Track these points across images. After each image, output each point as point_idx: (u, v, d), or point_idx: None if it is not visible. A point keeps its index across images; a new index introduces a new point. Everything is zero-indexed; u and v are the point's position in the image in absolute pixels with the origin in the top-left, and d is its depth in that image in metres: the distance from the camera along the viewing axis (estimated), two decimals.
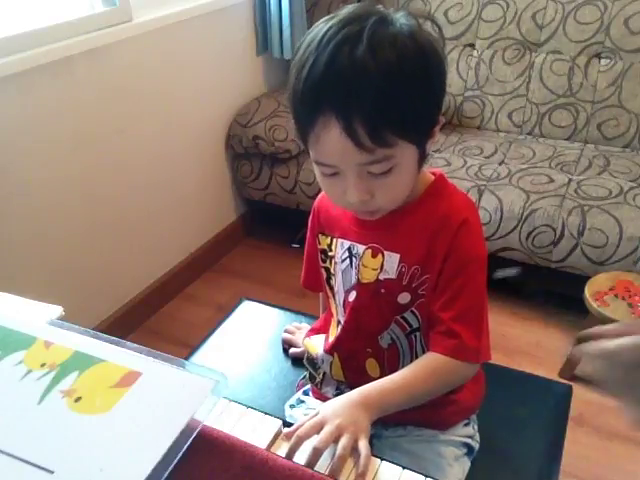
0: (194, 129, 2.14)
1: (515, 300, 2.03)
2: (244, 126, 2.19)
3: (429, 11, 2.32)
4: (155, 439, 0.53)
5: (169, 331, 2.01)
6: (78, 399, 0.57)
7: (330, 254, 0.89)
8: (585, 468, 1.50)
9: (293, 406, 0.99)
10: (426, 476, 0.61)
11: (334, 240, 0.88)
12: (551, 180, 1.94)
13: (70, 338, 0.65)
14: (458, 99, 2.35)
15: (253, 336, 1.22)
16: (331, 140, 0.68)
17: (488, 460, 0.93)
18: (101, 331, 0.66)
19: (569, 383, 1.15)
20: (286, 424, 0.67)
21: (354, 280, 0.85)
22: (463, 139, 2.27)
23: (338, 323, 0.91)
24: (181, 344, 1.83)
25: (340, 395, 0.90)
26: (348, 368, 0.91)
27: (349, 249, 0.85)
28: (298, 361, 1.12)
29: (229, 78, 2.27)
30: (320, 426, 0.66)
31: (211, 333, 1.23)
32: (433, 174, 0.83)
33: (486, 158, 2.13)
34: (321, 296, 1.06)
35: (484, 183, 1.95)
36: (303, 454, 0.64)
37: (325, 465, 0.63)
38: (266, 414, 0.67)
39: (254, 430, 0.64)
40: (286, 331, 1.19)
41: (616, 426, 1.62)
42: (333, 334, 0.92)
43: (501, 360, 1.09)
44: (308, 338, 1.01)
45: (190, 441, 0.54)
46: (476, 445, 0.92)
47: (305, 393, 1.01)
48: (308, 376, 0.99)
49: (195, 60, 2.06)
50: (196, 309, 2.12)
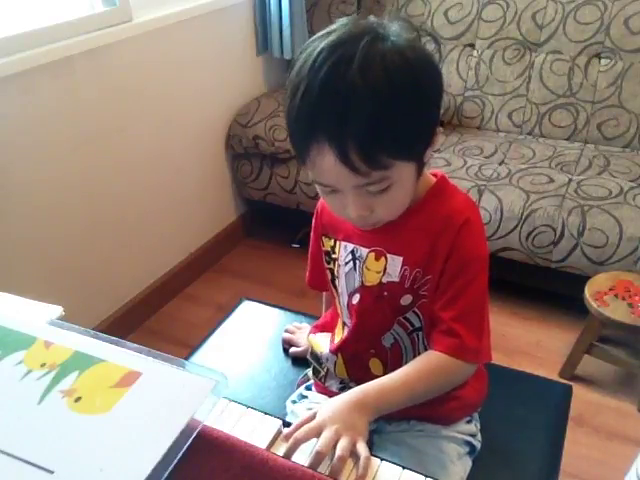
0: (194, 129, 2.14)
1: (515, 300, 2.03)
2: (244, 126, 2.19)
3: (430, 12, 2.32)
4: (155, 439, 0.53)
5: (169, 331, 2.01)
6: (78, 399, 0.57)
7: (334, 256, 0.89)
8: (585, 468, 1.50)
9: (295, 402, 1.00)
10: (426, 476, 0.61)
11: (337, 243, 0.88)
12: (551, 180, 1.94)
13: (70, 338, 0.65)
14: (458, 99, 2.35)
15: (253, 336, 1.22)
16: (326, 165, 0.68)
17: (488, 460, 0.93)
18: (101, 331, 0.66)
19: (569, 383, 1.15)
20: (286, 424, 0.67)
21: (358, 283, 0.85)
22: (463, 139, 2.27)
23: (344, 325, 0.91)
24: (181, 344, 1.83)
25: (344, 389, 0.91)
26: (352, 367, 0.91)
27: (352, 252, 0.85)
28: (298, 361, 1.12)
29: (229, 78, 2.27)
30: (318, 429, 0.66)
31: (211, 333, 1.23)
32: (434, 175, 0.83)
33: (486, 158, 2.13)
34: (324, 294, 1.06)
35: (484, 183, 1.95)
36: (304, 455, 0.64)
37: (324, 465, 0.63)
38: (266, 414, 0.67)
39: (254, 430, 0.64)
40: (286, 331, 1.19)
41: (616, 426, 1.62)
42: (339, 335, 0.92)
43: (501, 360, 1.09)
44: (313, 335, 1.01)
45: (190, 441, 0.54)
46: (478, 445, 0.93)
47: (307, 388, 1.01)
48: (312, 370, 1.00)
49: (195, 60, 2.07)
50: (196, 309, 2.12)
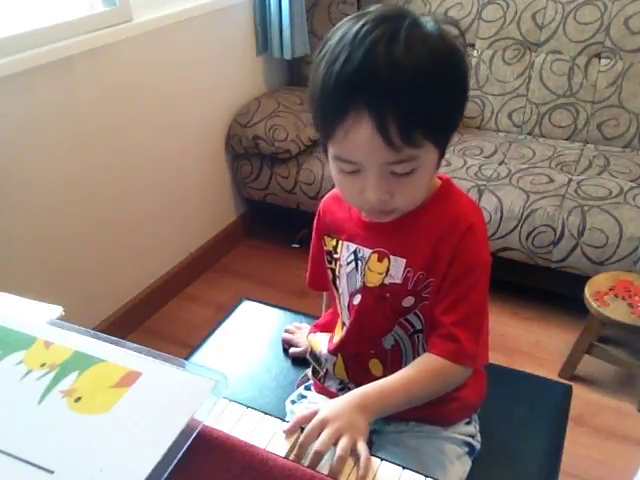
0: (194, 129, 2.14)
1: (515, 300, 2.03)
2: (244, 126, 2.19)
3: (430, 12, 2.32)
4: (155, 439, 0.53)
5: (169, 331, 2.01)
6: (78, 399, 0.57)
7: (335, 256, 0.89)
8: (585, 468, 1.50)
9: (294, 401, 1.00)
10: (426, 476, 0.61)
11: (340, 243, 0.88)
12: (551, 180, 1.94)
13: (70, 338, 0.65)
14: None
15: (253, 336, 1.22)
16: (360, 136, 0.68)
17: (488, 460, 0.93)
18: (101, 331, 0.66)
19: (569, 383, 1.15)
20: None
21: (359, 284, 0.85)
22: (463, 139, 2.27)
23: (343, 325, 0.91)
24: (181, 344, 1.83)
25: (343, 389, 0.91)
26: (351, 368, 0.91)
27: (355, 252, 0.85)
28: (298, 361, 1.12)
29: (229, 78, 2.27)
30: (320, 428, 0.67)
31: (211, 333, 1.23)
32: (440, 178, 0.83)
33: (486, 158, 2.13)
34: (325, 294, 1.06)
35: (484, 183, 1.95)
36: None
37: (324, 465, 0.63)
38: (266, 414, 0.67)
39: (254, 430, 0.64)
40: (286, 331, 1.19)
41: (616, 426, 1.62)
42: (338, 335, 0.92)
43: (501, 360, 1.09)
44: (313, 334, 1.01)
45: (190, 441, 0.54)
46: (477, 445, 0.93)
47: (307, 388, 1.01)
48: (311, 370, 1.00)
49: (195, 60, 2.06)
50: (196, 309, 2.12)
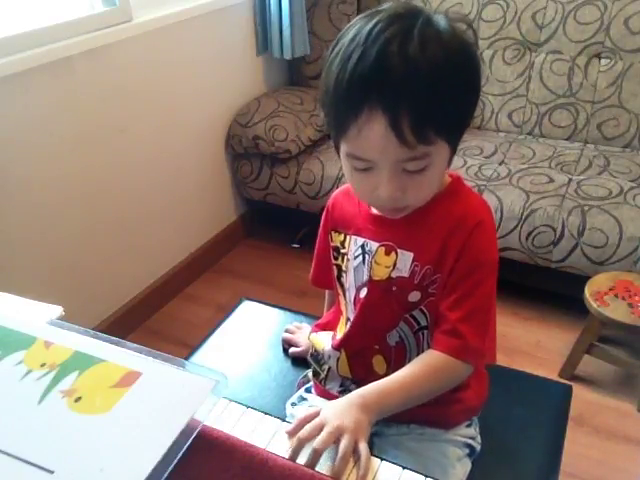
0: (194, 129, 2.14)
1: (515, 300, 2.03)
2: (244, 126, 2.19)
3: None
4: (155, 439, 0.53)
5: (169, 331, 2.01)
6: (78, 399, 0.57)
7: (343, 251, 0.89)
8: (585, 468, 1.50)
9: (295, 404, 0.99)
10: (426, 476, 0.61)
11: (347, 237, 0.88)
12: (551, 180, 1.94)
13: (70, 338, 0.65)
14: None
15: (253, 336, 1.22)
16: (374, 133, 0.68)
17: (488, 460, 0.93)
18: (101, 331, 0.66)
19: (569, 383, 1.15)
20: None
21: (366, 277, 0.85)
22: (463, 139, 2.24)
23: (347, 320, 0.91)
24: (181, 344, 1.84)
25: (344, 391, 0.90)
26: (355, 364, 0.91)
27: (362, 246, 0.85)
28: (298, 361, 1.12)
29: (229, 78, 2.27)
30: (321, 427, 0.67)
31: (211, 333, 1.23)
32: (450, 175, 0.84)
33: (486, 158, 2.13)
34: (327, 293, 1.06)
35: (484, 183, 1.95)
36: (303, 455, 0.64)
37: (324, 465, 0.63)
38: (266, 414, 0.67)
39: (254, 430, 0.64)
40: (286, 331, 1.19)
41: (616, 426, 1.62)
42: (341, 331, 0.92)
43: (501, 360, 1.09)
44: (314, 333, 1.01)
45: (190, 441, 0.54)
46: (478, 447, 0.93)
47: (307, 390, 1.01)
48: (312, 372, 0.99)
49: (195, 60, 2.06)
50: (196, 309, 2.12)
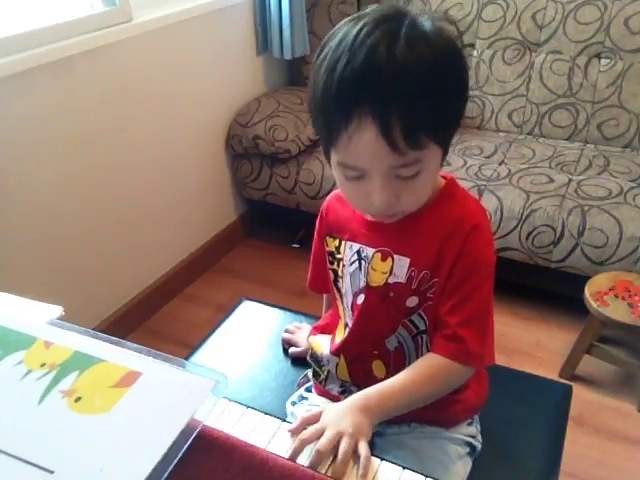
0: (194, 129, 2.14)
1: (515, 300, 2.03)
2: (244, 126, 2.19)
3: (430, 9, 2.32)
4: (155, 439, 0.53)
5: (169, 331, 2.01)
6: (78, 399, 0.57)
7: (338, 256, 0.88)
8: (585, 468, 1.50)
9: (295, 403, 0.99)
10: (426, 476, 0.61)
11: (343, 243, 0.87)
12: (551, 180, 1.94)
13: (70, 338, 0.65)
14: None
15: (253, 336, 1.22)
16: (365, 141, 0.67)
17: (488, 460, 0.93)
18: (101, 331, 0.66)
19: (569, 383, 1.15)
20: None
21: (363, 283, 0.84)
22: (463, 139, 2.27)
23: (345, 325, 0.91)
24: (181, 344, 1.83)
25: (344, 392, 0.90)
26: (354, 369, 0.91)
27: (358, 252, 0.85)
28: (298, 361, 1.12)
29: (229, 78, 2.27)
30: (322, 430, 0.67)
31: (211, 333, 1.23)
32: (444, 177, 0.83)
33: (486, 158, 2.13)
34: (325, 295, 1.06)
35: (484, 183, 1.95)
36: (303, 456, 0.64)
37: (325, 465, 0.63)
38: (266, 414, 0.67)
39: (254, 430, 0.64)
40: (286, 331, 1.19)
41: (616, 426, 1.62)
42: (340, 336, 0.92)
43: (501, 360, 1.09)
44: (313, 336, 1.01)
45: (190, 441, 0.54)
46: (478, 445, 0.93)
47: (307, 390, 1.01)
48: (312, 373, 0.99)
49: (195, 60, 2.06)
50: (196, 309, 2.12)
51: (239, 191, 2.41)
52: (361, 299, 0.85)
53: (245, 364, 1.15)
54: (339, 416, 0.69)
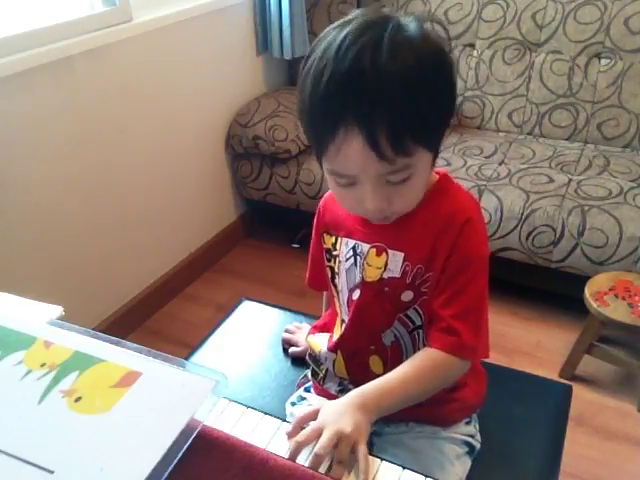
0: (194, 129, 2.14)
1: (515, 300, 2.03)
2: (244, 126, 2.19)
3: (430, 11, 2.32)
4: (155, 439, 0.53)
5: (169, 331, 2.01)
6: (78, 399, 0.57)
7: (334, 253, 0.89)
8: (585, 468, 1.50)
9: (294, 404, 1.00)
10: (426, 476, 0.61)
11: (339, 239, 0.88)
12: (551, 180, 1.94)
13: (70, 338, 0.65)
14: (458, 99, 2.35)
15: (253, 336, 1.22)
16: (353, 152, 0.67)
17: (488, 460, 0.93)
18: (101, 331, 0.66)
19: (569, 383, 1.15)
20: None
21: (358, 279, 0.85)
22: (463, 139, 2.27)
23: (342, 322, 0.91)
24: (181, 344, 1.83)
25: (342, 391, 0.91)
26: (351, 365, 0.91)
27: (354, 248, 0.85)
28: (298, 361, 1.12)
29: (229, 78, 2.27)
30: (319, 431, 0.66)
31: (211, 333, 1.23)
32: (437, 173, 0.83)
33: (486, 158, 2.13)
34: (325, 294, 1.06)
35: (484, 183, 1.95)
36: (303, 455, 0.64)
37: (325, 465, 0.63)
38: (266, 414, 0.67)
39: (254, 430, 0.64)
40: (286, 331, 1.19)
41: (616, 426, 1.62)
42: (337, 332, 0.92)
43: (501, 360, 1.09)
44: (312, 335, 1.01)
45: (190, 441, 0.54)
46: (477, 445, 0.93)
47: (306, 390, 1.01)
48: (311, 372, 0.99)
49: (195, 60, 2.06)
50: (196, 309, 2.12)
51: (239, 191, 2.41)
52: (357, 294, 0.86)
53: (245, 364, 1.15)
54: (337, 415, 0.69)
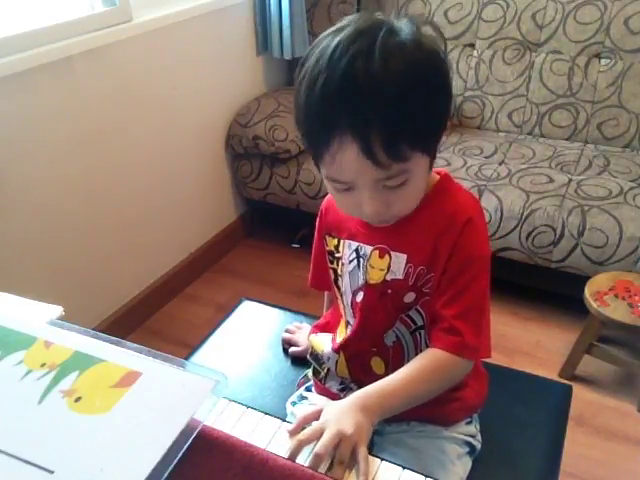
0: (194, 129, 2.14)
1: (515, 300, 2.03)
2: (244, 126, 2.19)
3: (430, 12, 2.32)
4: (155, 439, 0.53)
5: (169, 331, 2.01)
6: (78, 399, 0.57)
7: (337, 255, 0.89)
8: (585, 468, 1.50)
9: (295, 403, 1.00)
10: (426, 476, 0.61)
11: (341, 242, 0.88)
12: (551, 180, 1.94)
13: (70, 338, 0.65)
14: (458, 99, 2.35)
15: (253, 336, 1.22)
16: (348, 160, 0.68)
17: (488, 460, 0.93)
18: (101, 331, 0.66)
19: (569, 383, 1.15)
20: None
21: (361, 281, 0.85)
22: (463, 139, 2.27)
23: (347, 324, 0.91)
24: (181, 344, 1.83)
25: (344, 390, 0.91)
26: (353, 366, 0.91)
27: (356, 250, 0.85)
28: (298, 361, 1.12)
29: (229, 78, 2.27)
30: (321, 431, 0.66)
31: (211, 333, 1.23)
32: (438, 173, 0.83)
33: (486, 158, 2.13)
34: (326, 293, 1.06)
35: (484, 183, 1.95)
36: (303, 456, 0.64)
37: (325, 466, 0.63)
38: (266, 414, 0.67)
39: (254, 430, 0.64)
40: (286, 331, 1.19)
41: (616, 426, 1.62)
42: (342, 334, 0.92)
43: (501, 360, 1.09)
44: (314, 335, 1.01)
45: (190, 441, 0.54)
46: (478, 445, 0.93)
47: (307, 389, 1.01)
48: (312, 371, 0.99)
49: (195, 60, 2.06)
50: (196, 309, 2.12)
51: (239, 191, 2.41)
52: (360, 297, 0.86)
53: (245, 364, 1.15)
54: (339, 415, 0.69)
